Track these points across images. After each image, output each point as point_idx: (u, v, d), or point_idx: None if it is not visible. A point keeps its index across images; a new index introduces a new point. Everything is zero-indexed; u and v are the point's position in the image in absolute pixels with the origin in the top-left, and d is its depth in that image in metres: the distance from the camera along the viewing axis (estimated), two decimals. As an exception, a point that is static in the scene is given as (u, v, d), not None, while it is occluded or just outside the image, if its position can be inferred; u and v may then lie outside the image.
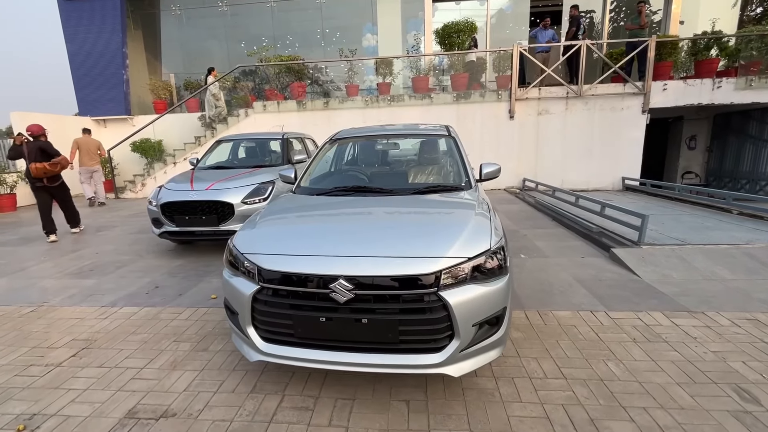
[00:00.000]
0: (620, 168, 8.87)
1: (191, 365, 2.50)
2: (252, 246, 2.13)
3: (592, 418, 1.93)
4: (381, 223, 2.28)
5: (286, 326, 1.97)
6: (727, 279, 3.54)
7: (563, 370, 2.32)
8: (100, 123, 11.16)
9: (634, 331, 2.73)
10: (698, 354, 2.44)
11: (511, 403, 2.06)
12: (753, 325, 2.75)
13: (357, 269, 1.84)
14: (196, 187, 4.60)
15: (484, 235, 2.04)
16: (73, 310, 3.39)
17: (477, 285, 1.90)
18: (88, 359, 2.62)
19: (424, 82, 9.19)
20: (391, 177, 3.21)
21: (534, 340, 2.66)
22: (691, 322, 2.84)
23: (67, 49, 10.82)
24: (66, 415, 2.08)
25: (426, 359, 1.87)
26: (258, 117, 9.24)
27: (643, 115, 8.60)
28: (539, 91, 8.69)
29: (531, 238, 5.04)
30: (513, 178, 9.15)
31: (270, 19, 11.70)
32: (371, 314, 1.85)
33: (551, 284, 3.57)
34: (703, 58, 8.51)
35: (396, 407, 2.06)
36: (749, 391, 2.09)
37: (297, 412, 2.04)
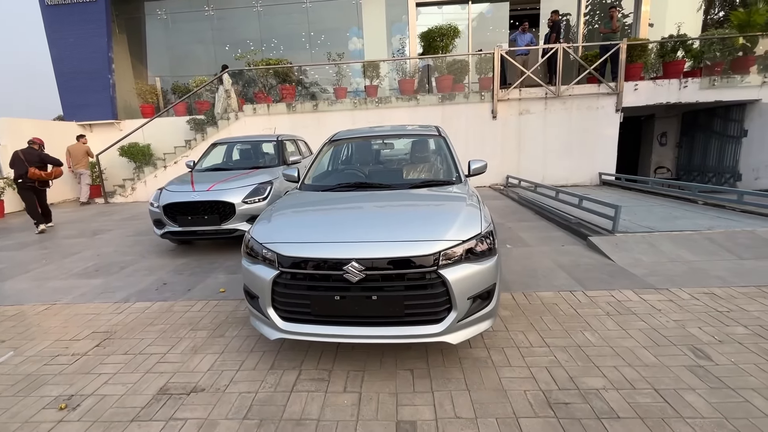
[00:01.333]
0: (597, 164, 9.36)
1: (211, 349, 2.73)
2: (270, 236, 2.37)
3: (571, 376, 2.25)
4: (384, 213, 2.56)
5: (303, 305, 2.22)
6: (689, 260, 3.94)
7: (546, 340, 2.64)
8: (86, 128, 11.08)
9: (607, 307, 3.07)
10: (662, 323, 2.80)
11: (502, 367, 2.37)
12: (709, 298, 3.14)
13: (367, 252, 2.12)
14: (198, 188, 4.79)
15: (475, 221, 2.34)
16: (87, 306, 3.55)
17: (471, 264, 2.19)
18: (112, 348, 2.81)
19: (410, 84, 9.51)
20: (389, 174, 3.49)
21: (520, 317, 2.98)
22: (657, 297, 3.20)
23: (51, 54, 10.72)
24: (102, 395, 2.29)
25: (428, 330, 2.16)
26: (248, 120, 9.39)
27: (616, 114, 9.11)
28: (520, 92, 9.11)
29: (515, 230, 5.39)
30: (497, 176, 9.54)
31: (257, 23, 11.84)
32: (380, 292, 2.13)
33: (535, 270, 3.91)
34: (670, 59, 9.08)
35: (402, 375, 2.34)
36: (702, 350, 2.45)
37: (314, 383, 2.30)
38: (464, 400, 2.10)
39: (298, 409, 2.09)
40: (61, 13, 10.36)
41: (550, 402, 2.05)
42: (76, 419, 2.09)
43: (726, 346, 2.47)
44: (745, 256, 3.97)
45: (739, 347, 2.45)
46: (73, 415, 2.13)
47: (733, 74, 8.72)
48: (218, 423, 2.01)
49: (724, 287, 3.32)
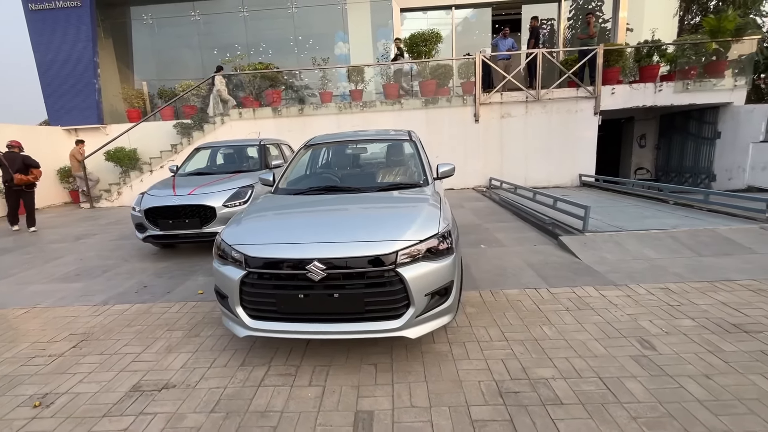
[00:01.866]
0: (577, 165, 9.60)
1: (185, 348, 2.82)
2: (238, 239, 2.48)
3: (524, 367, 2.39)
4: (349, 214, 2.69)
5: (270, 304, 2.34)
6: (652, 258, 4.12)
7: (506, 334, 2.79)
8: (72, 132, 11.06)
9: (568, 302, 3.23)
10: (616, 317, 2.96)
11: (460, 360, 2.50)
12: (664, 293, 3.31)
13: (328, 252, 2.24)
14: (179, 192, 4.87)
15: (434, 222, 2.48)
16: (66, 309, 3.62)
17: (428, 262, 2.33)
18: (88, 349, 2.89)
19: (395, 88, 9.67)
20: (359, 177, 3.63)
21: (485, 313, 3.12)
22: (616, 293, 3.37)
23: (35, 58, 10.70)
24: (76, 392, 2.37)
25: (388, 325, 2.28)
26: (234, 124, 9.47)
27: (595, 116, 9.36)
28: (501, 96, 9.32)
29: (492, 231, 5.55)
30: (480, 178, 9.74)
31: (243, 28, 11.93)
32: (341, 289, 2.25)
33: (505, 269, 4.07)
34: (645, 64, 9.36)
35: (366, 369, 2.46)
36: (649, 341, 2.61)
37: (282, 378, 2.41)
38: (421, 391, 2.22)
39: (263, 402, 2.20)
40: (46, 18, 10.36)
41: (501, 391, 2.19)
42: (49, 416, 2.18)
43: (672, 337, 2.64)
44: (704, 253, 4.17)
45: (684, 338, 2.62)
46: (47, 411, 2.21)
47: (706, 78, 9.02)
48: (186, 416, 2.12)
49: (679, 283, 3.49)
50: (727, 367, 2.29)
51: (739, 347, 2.48)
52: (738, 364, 2.32)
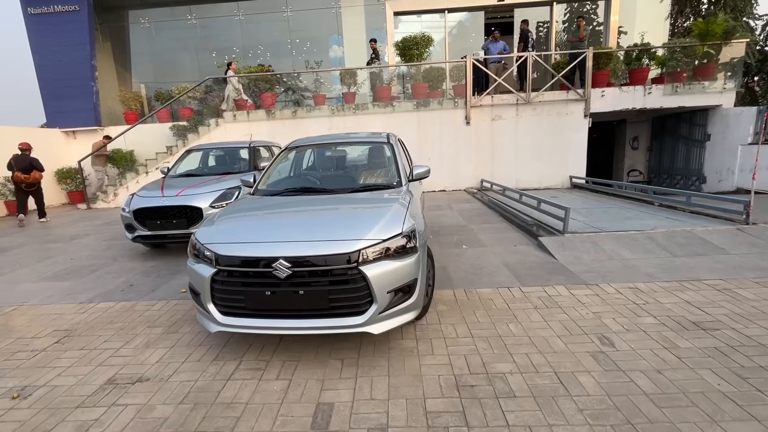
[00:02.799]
0: (568, 167, 9.67)
1: (163, 344, 2.92)
2: (210, 238, 2.59)
3: (484, 362, 2.48)
4: (318, 215, 2.79)
5: (239, 300, 2.44)
6: (626, 258, 4.21)
7: (473, 331, 2.88)
8: (70, 134, 11.22)
9: (537, 301, 3.32)
10: (581, 315, 3.04)
11: (425, 355, 2.59)
12: (632, 293, 3.39)
13: (294, 251, 2.34)
14: (167, 193, 4.98)
15: (398, 222, 2.57)
16: (53, 307, 3.72)
17: (390, 261, 2.42)
18: (70, 344, 2.99)
19: (387, 91, 9.78)
20: (335, 179, 3.73)
21: (456, 311, 3.21)
22: (585, 292, 3.45)
23: (34, 61, 10.86)
24: (53, 385, 2.47)
25: (351, 321, 2.38)
26: (229, 126, 9.59)
27: (585, 119, 9.44)
28: (492, 99, 9.42)
29: (475, 232, 5.64)
30: (472, 180, 9.82)
31: (239, 31, 12.08)
32: (306, 287, 2.35)
33: (482, 268, 4.15)
34: (635, 67, 9.45)
35: (332, 364, 2.55)
36: (609, 338, 2.69)
37: (251, 372, 2.51)
38: (382, 384, 2.32)
39: (231, 394, 2.30)
40: (44, 21, 10.52)
41: (458, 385, 2.28)
42: (26, 407, 2.28)
43: (631, 334, 2.72)
44: (678, 253, 4.25)
45: (642, 335, 2.70)
46: (24, 403, 2.31)
47: (696, 81, 9.10)
48: (155, 407, 2.21)
49: (649, 282, 3.58)
50: (679, 362, 2.38)
51: (694, 344, 2.57)
52: (690, 359, 2.40)
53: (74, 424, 2.12)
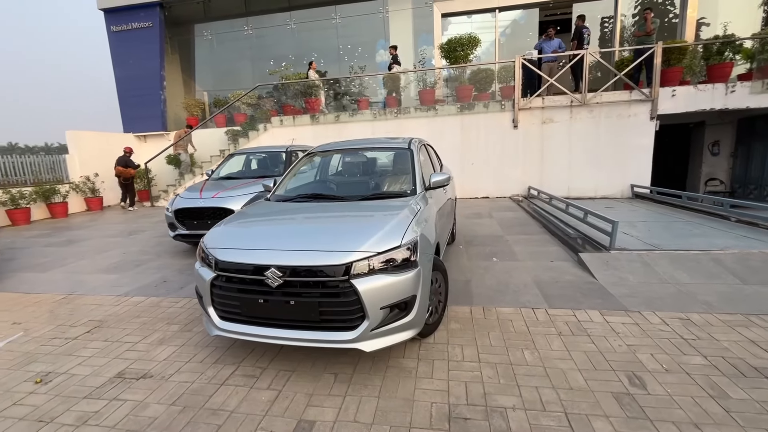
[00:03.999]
0: (629, 175, 8.75)
1: (175, 342, 3.03)
2: (214, 242, 2.63)
3: (486, 393, 2.24)
4: (320, 223, 2.72)
5: (235, 306, 2.44)
6: (682, 282, 3.64)
7: (481, 355, 2.63)
8: (141, 138, 12.42)
9: (563, 326, 2.96)
10: (612, 346, 2.66)
11: (422, 378, 2.41)
12: (681, 324, 2.91)
13: (286, 260, 2.29)
14: (204, 195, 5.25)
15: (398, 233, 2.42)
16: (94, 298, 4.06)
17: (385, 275, 2.28)
18: (98, 335, 3.22)
19: (431, 94, 9.57)
20: (348, 185, 3.65)
21: (468, 331, 2.96)
22: (623, 319, 3.03)
23: (115, 73, 12.21)
24: (72, 374, 2.66)
25: (342, 336, 2.27)
26: (275, 131, 9.99)
27: (651, 121, 8.48)
28: (543, 101, 8.81)
29: (511, 243, 5.26)
30: (518, 186, 9.27)
31: (291, 39, 12.58)
32: (298, 297, 2.29)
33: (508, 285, 3.83)
34: (715, 62, 8.31)
35: (325, 378, 2.46)
36: (642, 377, 2.31)
37: (245, 379, 2.50)
38: (370, 406, 2.18)
39: (220, 400, 2.30)
40: (124, 38, 11.78)
41: (450, 416, 2.07)
42: (43, 392, 2.46)
43: (671, 375, 2.31)
44: (750, 280, 3.60)
45: (685, 378, 2.28)
46: (43, 388, 2.50)
47: (794, 76, 7.78)
48: (149, 406, 2.28)
49: (705, 313, 3.05)
50: (726, 416, 1.96)
51: (751, 395, 2.11)
52: (741, 415, 1.97)
53: (77, 414, 2.24)
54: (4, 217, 8.61)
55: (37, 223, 8.91)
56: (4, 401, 2.39)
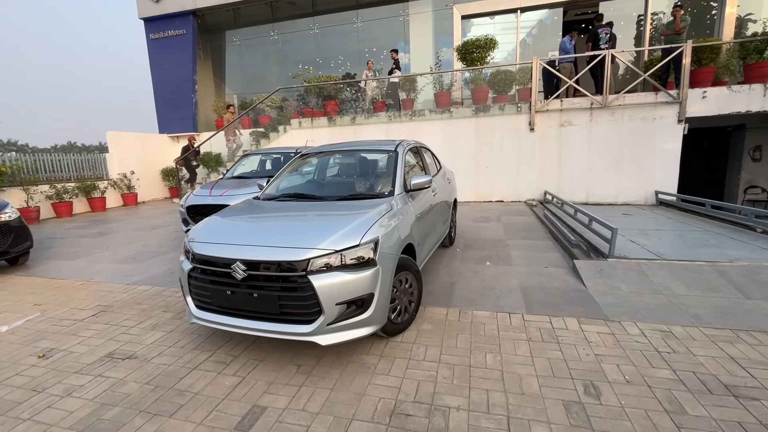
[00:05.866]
0: (654, 181, 8.32)
1: (165, 328, 3.27)
2: (194, 236, 2.83)
3: (435, 392, 2.28)
4: (288, 221, 2.86)
5: (208, 296, 2.62)
6: (676, 294, 3.47)
7: (443, 356, 2.66)
8: (174, 139, 13.19)
9: (535, 332, 2.93)
10: (579, 355, 2.61)
11: (379, 375, 2.48)
12: (661, 337, 2.80)
13: (250, 255, 2.44)
14: (214, 193, 5.56)
15: (359, 233, 2.50)
16: (108, 285, 4.42)
17: (342, 272, 2.37)
18: (101, 318, 3.52)
19: (446, 97, 9.55)
20: (330, 186, 3.77)
21: (438, 332, 3.00)
22: (600, 329, 2.95)
23: (152, 78, 13.07)
24: (70, 351, 2.94)
25: (299, 329, 2.39)
26: (294, 132, 10.32)
27: (679, 125, 8.02)
28: (561, 103, 8.56)
29: (510, 248, 5.19)
30: (534, 191, 9.05)
31: (314, 44, 12.94)
32: (260, 290, 2.43)
33: (493, 289, 3.81)
34: (753, 61, 7.75)
35: (288, 369, 2.59)
36: (599, 387, 2.26)
37: (215, 365, 2.67)
38: (321, 397, 2.28)
39: (188, 382, 2.48)
40: (161, 45, 12.59)
41: (393, 411, 2.13)
42: (42, 365, 2.75)
43: (630, 387, 2.25)
44: (753, 295, 3.38)
45: (644, 391, 2.21)
46: (44, 362, 2.80)
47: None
48: (127, 383, 2.50)
49: (690, 327, 2.91)
50: (674, 432, 1.90)
51: (710, 412, 2.02)
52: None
53: (65, 386, 2.49)
54: (50, 210, 9.45)
55: (78, 216, 9.71)
56: (9, 371, 2.70)
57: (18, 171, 9.08)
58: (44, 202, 9.25)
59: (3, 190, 8.49)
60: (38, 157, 10.01)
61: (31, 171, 9.64)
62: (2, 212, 4.86)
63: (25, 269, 5.17)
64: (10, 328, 3.40)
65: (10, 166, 8.95)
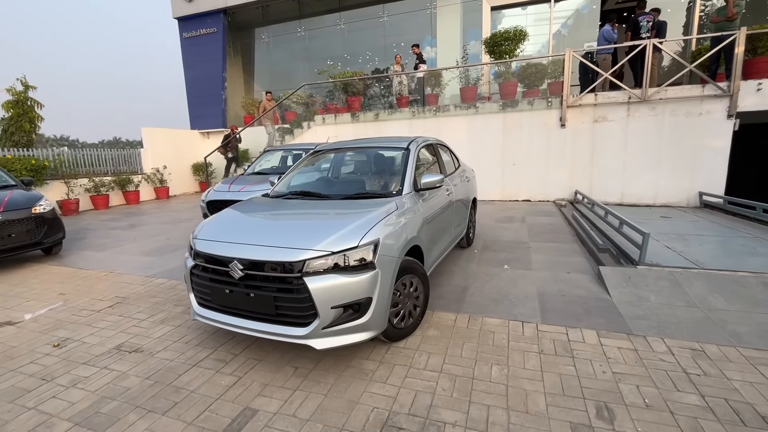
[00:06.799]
0: (698, 181, 7.69)
1: (173, 322, 3.32)
2: (198, 233, 2.83)
3: (432, 405, 2.15)
4: (288, 220, 2.80)
5: (208, 294, 2.61)
6: (714, 308, 3.14)
7: (445, 366, 2.52)
8: (205, 135, 13.61)
9: (548, 344, 2.73)
10: (594, 372, 2.39)
11: (376, 382, 2.38)
12: (690, 356, 2.52)
13: (247, 254, 2.40)
14: (233, 188, 5.63)
15: (358, 234, 2.40)
16: (128, 276, 4.57)
17: (339, 275, 2.29)
18: (116, 310, 3.63)
19: (472, 92, 9.24)
20: (339, 184, 3.68)
21: (444, 340, 2.85)
22: (621, 344, 2.70)
23: (185, 76, 13.52)
24: (83, 341, 3.04)
25: (295, 331, 2.33)
26: (318, 129, 10.34)
27: (728, 120, 7.35)
28: (596, 97, 8.06)
29: (531, 251, 4.93)
30: (564, 190, 8.60)
31: (341, 39, 12.92)
32: (257, 290, 2.38)
33: (508, 295, 3.60)
34: (819, 49, 6.95)
35: (285, 371, 2.54)
36: (613, 411, 2.06)
37: (214, 363, 2.67)
38: (313, 403, 2.21)
39: (186, 380, 2.48)
40: (193, 43, 12.99)
41: (385, 423, 2.02)
42: (55, 355, 2.85)
43: (649, 413, 2.03)
44: (806, 313, 2.99)
45: (666, 418, 1.99)
46: (57, 351, 2.90)
47: None
48: (128, 377, 2.53)
49: (726, 346, 2.61)
50: (696, 470, 1.68)
51: (742, 449, 1.78)
52: (717, 470, 1.67)
53: (71, 377, 2.56)
54: (88, 202, 9.99)
55: (114, 208, 10.21)
56: (25, 359, 2.81)
57: (60, 165, 9.65)
58: (83, 194, 9.78)
59: (47, 183, 9.05)
60: (79, 152, 10.60)
61: (72, 165, 10.22)
62: (37, 204, 5.13)
63: (58, 259, 5.46)
64: (33, 316, 3.56)
65: (53, 161, 9.52)
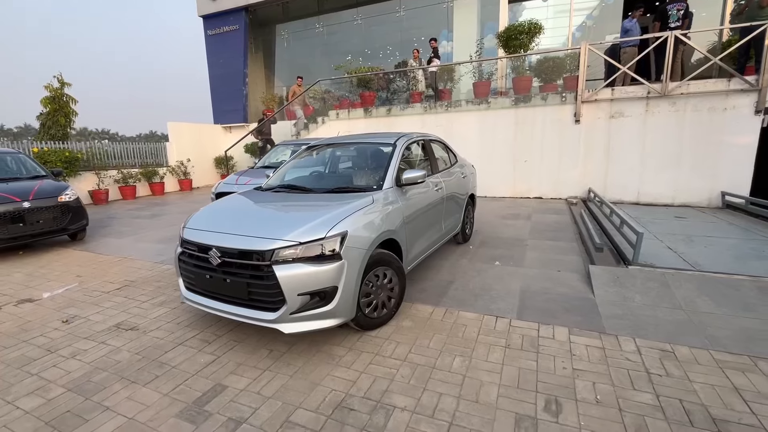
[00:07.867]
0: (720, 181, 7.32)
1: (171, 305, 3.57)
2: (187, 221, 3.04)
3: (387, 390, 2.26)
4: (267, 211, 2.96)
5: (193, 279, 2.81)
6: (699, 311, 3.06)
7: (410, 355, 2.62)
8: (227, 129, 14.11)
9: (516, 339, 2.77)
10: (555, 367, 2.42)
11: (339, 367, 2.51)
12: (658, 356, 2.50)
13: (223, 242, 2.57)
14: (240, 181, 5.89)
15: (327, 226, 2.53)
16: (139, 262, 4.90)
17: (305, 264, 2.42)
18: (123, 292, 3.93)
19: (484, 86, 9.13)
20: (323, 178, 3.80)
21: (415, 331, 2.95)
22: (591, 342, 2.70)
23: (209, 72, 14.05)
24: (88, 319, 3.33)
25: (265, 315, 2.49)
26: (332, 124, 10.52)
27: (756, 116, 6.95)
28: (612, 92, 7.80)
29: (527, 249, 4.90)
30: (578, 188, 8.40)
31: (358, 34, 13.02)
32: (232, 276, 2.56)
33: (490, 290, 3.64)
34: None
35: (260, 352, 2.71)
36: (562, 405, 2.10)
37: (199, 342, 2.87)
38: (278, 383, 2.36)
39: (171, 356, 2.70)
40: (216, 40, 13.45)
41: (339, 404, 2.15)
42: (63, 329, 3.15)
43: (597, 408, 2.05)
44: (797, 319, 2.88)
45: (612, 414, 2.01)
46: (64, 327, 3.20)
47: None
48: (121, 351, 2.78)
49: (699, 349, 2.56)
50: (627, 464, 1.71)
51: (681, 448, 1.79)
52: (648, 465, 1.70)
53: (72, 349, 2.84)
54: (117, 192, 10.63)
55: (140, 199, 10.82)
56: (37, 332, 3.13)
57: (92, 158, 10.31)
58: (112, 185, 10.42)
59: (80, 174, 9.71)
60: (108, 145, 11.27)
61: (103, 158, 10.89)
62: (63, 194, 5.57)
63: (81, 244, 5.91)
64: (51, 294, 3.92)
65: (86, 153, 10.18)
